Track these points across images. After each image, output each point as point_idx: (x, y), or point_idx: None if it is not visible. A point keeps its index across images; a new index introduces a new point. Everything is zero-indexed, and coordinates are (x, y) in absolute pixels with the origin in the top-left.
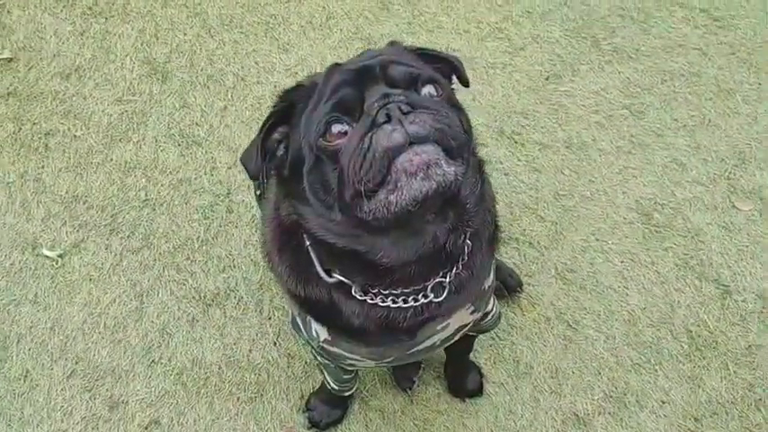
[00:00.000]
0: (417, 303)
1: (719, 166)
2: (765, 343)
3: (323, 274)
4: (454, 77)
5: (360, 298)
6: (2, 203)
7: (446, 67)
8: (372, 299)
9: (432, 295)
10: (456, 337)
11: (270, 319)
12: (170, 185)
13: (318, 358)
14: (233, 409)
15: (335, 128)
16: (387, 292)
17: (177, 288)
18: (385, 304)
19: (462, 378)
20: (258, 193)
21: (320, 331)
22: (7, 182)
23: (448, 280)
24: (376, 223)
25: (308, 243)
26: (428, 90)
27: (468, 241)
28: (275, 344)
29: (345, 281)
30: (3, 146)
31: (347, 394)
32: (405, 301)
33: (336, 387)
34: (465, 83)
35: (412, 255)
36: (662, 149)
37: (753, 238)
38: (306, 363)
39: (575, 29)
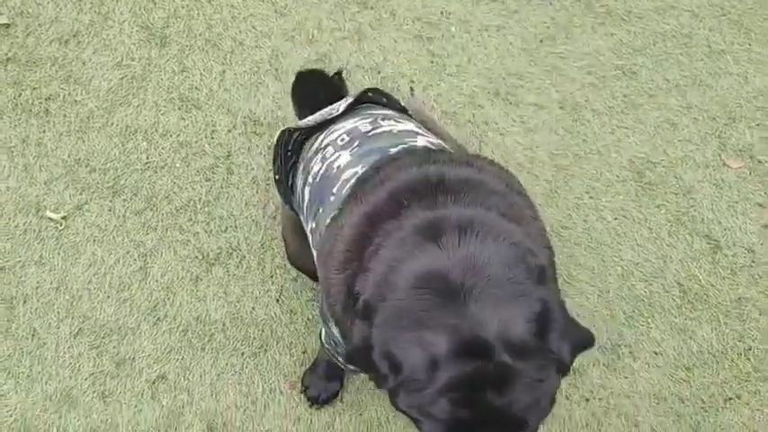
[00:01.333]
0: None
1: (710, 125)
2: (754, 295)
3: None
4: None
5: None
6: (4, 167)
7: None
8: None
9: None
10: None
11: (272, 277)
12: (171, 148)
13: (337, 348)
14: (237, 364)
15: None
16: None
17: (180, 248)
18: None
19: None
20: (277, 177)
21: None
22: (9, 146)
23: None
24: None
25: None
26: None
27: None
28: (278, 301)
29: None
30: (3, 111)
31: None
32: None
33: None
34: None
35: None
36: (654, 109)
37: (743, 194)
38: (308, 319)
39: None
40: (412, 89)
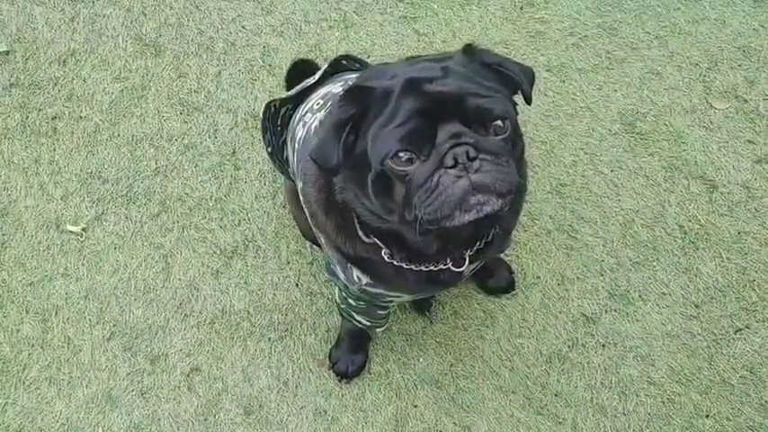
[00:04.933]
0: (445, 267)
1: (694, 70)
2: (754, 229)
3: (362, 235)
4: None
5: (387, 260)
6: (21, 188)
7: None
8: (398, 262)
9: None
10: None
11: (289, 263)
12: (177, 152)
13: (350, 302)
14: (266, 349)
15: (404, 155)
16: (408, 261)
17: (198, 245)
18: (410, 267)
19: (492, 276)
20: (269, 150)
21: (362, 277)
22: (23, 167)
23: (468, 254)
24: (426, 228)
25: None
26: (497, 123)
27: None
28: (297, 285)
29: (379, 243)
30: (14, 134)
31: (380, 330)
32: (433, 266)
33: (368, 323)
34: (527, 101)
35: (445, 246)
36: (638, 62)
37: (732, 133)
38: (327, 299)
39: None
40: None
